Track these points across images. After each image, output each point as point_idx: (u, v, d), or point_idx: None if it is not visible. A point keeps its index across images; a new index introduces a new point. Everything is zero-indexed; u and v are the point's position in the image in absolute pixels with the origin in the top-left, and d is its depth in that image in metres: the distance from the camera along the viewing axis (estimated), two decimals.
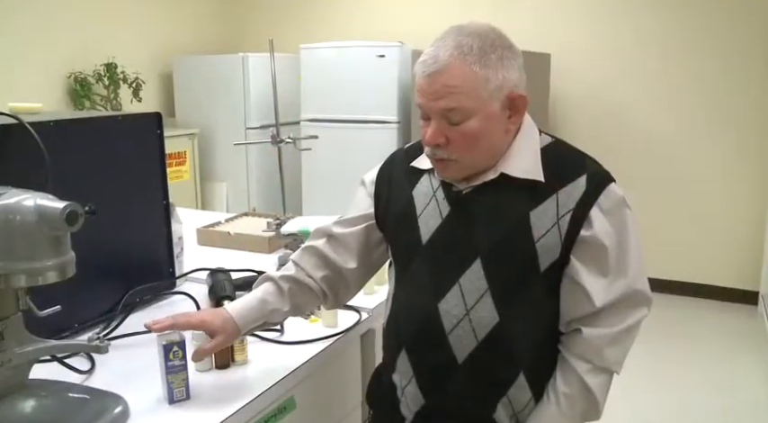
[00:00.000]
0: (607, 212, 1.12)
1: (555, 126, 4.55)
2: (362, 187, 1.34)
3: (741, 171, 4.12)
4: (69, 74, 4.30)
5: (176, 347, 1.13)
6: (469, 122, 1.09)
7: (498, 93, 1.09)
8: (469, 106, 1.08)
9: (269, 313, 1.24)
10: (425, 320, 1.17)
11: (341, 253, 1.30)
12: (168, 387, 1.14)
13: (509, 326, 1.13)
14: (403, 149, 1.34)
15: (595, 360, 1.14)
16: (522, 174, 1.13)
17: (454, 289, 1.14)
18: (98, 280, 1.45)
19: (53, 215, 0.96)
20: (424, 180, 1.23)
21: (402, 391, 1.23)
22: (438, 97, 1.08)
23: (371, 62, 4.21)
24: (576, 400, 1.15)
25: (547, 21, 4.49)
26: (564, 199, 1.11)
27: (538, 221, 1.11)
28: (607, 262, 1.12)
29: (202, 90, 4.90)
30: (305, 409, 1.34)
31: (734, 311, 4.07)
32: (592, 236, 1.10)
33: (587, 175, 1.13)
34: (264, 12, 5.50)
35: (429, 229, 1.19)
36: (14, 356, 1.05)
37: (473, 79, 1.07)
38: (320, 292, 1.31)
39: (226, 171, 4.99)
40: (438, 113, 1.10)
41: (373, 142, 4.17)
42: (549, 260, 1.11)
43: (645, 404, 2.96)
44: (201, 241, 2.18)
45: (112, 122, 1.52)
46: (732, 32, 4.01)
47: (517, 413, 1.17)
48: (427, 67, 1.08)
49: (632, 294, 1.15)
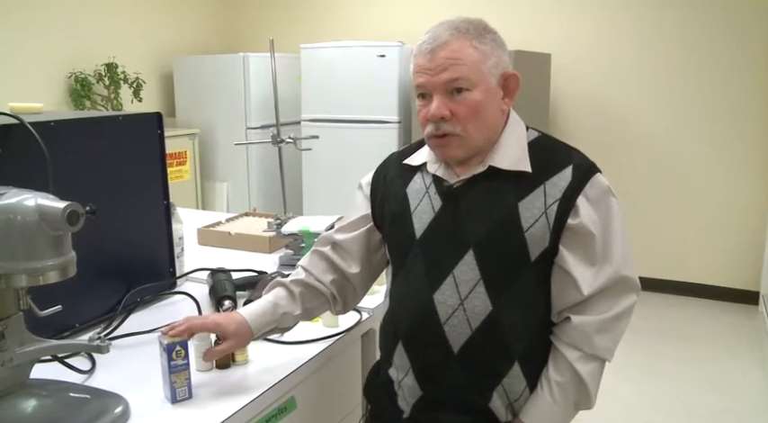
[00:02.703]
0: (593, 201, 1.15)
1: (555, 125, 4.55)
2: (359, 191, 1.38)
3: (742, 171, 4.12)
4: (70, 74, 4.31)
5: (179, 347, 1.14)
6: (473, 93, 1.13)
7: (495, 69, 1.15)
8: (472, 77, 1.13)
9: (281, 317, 1.26)
10: (422, 312, 1.19)
11: (345, 258, 1.33)
12: (171, 387, 1.14)
13: (502, 315, 1.15)
14: (397, 152, 1.37)
15: (585, 348, 1.16)
16: (509, 166, 1.17)
17: (448, 280, 1.17)
18: (99, 280, 1.45)
19: (54, 215, 0.96)
20: (417, 178, 1.27)
21: (399, 384, 1.25)
22: (441, 70, 1.12)
23: (372, 62, 4.21)
24: (568, 389, 1.16)
25: (547, 21, 4.49)
26: (551, 189, 1.14)
27: (526, 212, 1.14)
28: (594, 250, 1.15)
29: (203, 90, 4.90)
30: (305, 409, 1.34)
31: (734, 312, 4.07)
32: (579, 224, 1.13)
33: (573, 166, 1.16)
34: (265, 12, 5.50)
35: (423, 223, 1.22)
36: (15, 356, 1.05)
37: (473, 53, 1.13)
38: (330, 297, 1.33)
39: (226, 171, 4.99)
40: (441, 87, 1.13)
41: (374, 142, 4.17)
42: (538, 249, 1.14)
43: (645, 404, 2.96)
44: (202, 241, 2.18)
45: (113, 122, 1.52)
46: (732, 33, 4.01)
47: (512, 402, 1.19)
48: (428, 45, 1.14)
49: (619, 280, 1.17)
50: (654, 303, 4.16)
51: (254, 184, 4.88)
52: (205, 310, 1.55)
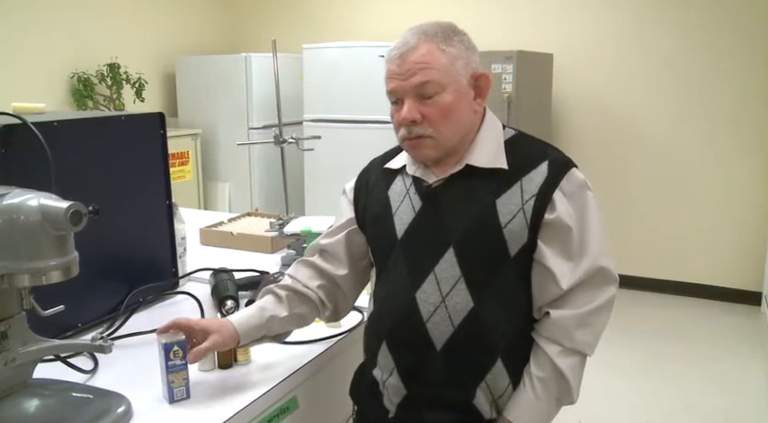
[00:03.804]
0: (569, 195, 1.17)
1: (557, 126, 4.55)
2: (344, 196, 1.40)
3: (743, 172, 4.12)
4: (72, 74, 4.31)
5: (177, 347, 1.14)
6: (443, 96, 1.16)
7: (464, 70, 1.17)
8: (442, 80, 1.15)
9: (267, 320, 1.25)
10: (404, 311, 1.20)
11: (332, 262, 1.35)
12: (168, 386, 1.14)
13: (484, 311, 1.16)
14: (379, 157, 1.40)
15: (565, 342, 1.17)
16: (486, 164, 1.19)
17: (430, 278, 1.18)
18: (101, 280, 1.45)
19: (57, 215, 0.96)
20: (398, 180, 1.29)
21: (383, 384, 1.25)
22: (411, 75, 1.15)
23: (374, 62, 4.20)
24: (550, 384, 1.17)
25: (549, 21, 4.48)
26: (527, 185, 1.16)
27: (504, 208, 1.16)
28: (571, 243, 1.16)
29: (205, 90, 4.90)
30: (307, 409, 1.34)
31: (736, 312, 4.06)
32: (556, 218, 1.15)
33: (549, 162, 1.18)
34: (267, 12, 5.50)
35: (403, 224, 1.23)
36: (18, 356, 1.05)
37: (441, 56, 1.15)
38: (318, 302, 1.33)
39: (228, 171, 5.00)
40: (411, 91, 1.16)
41: (376, 142, 4.14)
42: (517, 245, 1.16)
43: (647, 405, 2.96)
44: (204, 241, 2.19)
45: (115, 123, 1.52)
46: (734, 33, 4.00)
47: (496, 399, 1.20)
48: (397, 51, 1.17)
49: (596, 272, 1.17)
50: (654, 303, 4.15)
51: (257, 184, 4.89)
52: (207, 310, 1.55)
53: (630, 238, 4.35)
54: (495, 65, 3.83)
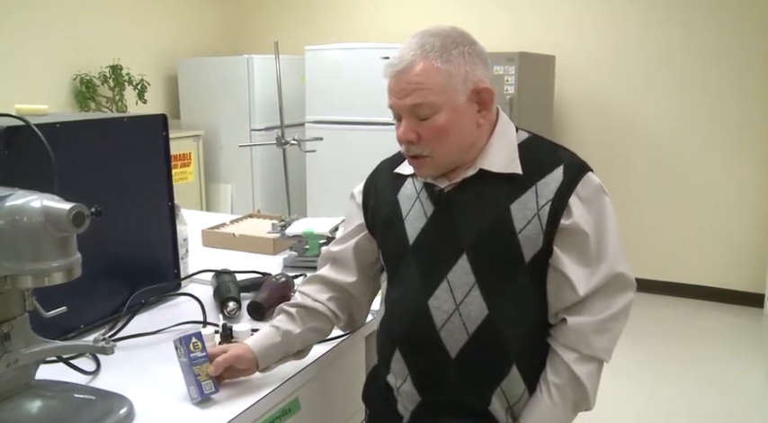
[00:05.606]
0: (585, 200, 1.15)
1: (559, 127, 4.55)
2: (352, 200, 1.38)
3: (745, 172, 4.11)
4: (75, 75, 4.32)
5: (195, 339, 1.13)
6: (437, 117, 1.13)
7: (463, 86, 1.13)
8: (436, 101, 1.12)
9: (282, 336, 1.24)
10: (417, 318, 1.18)
11: (341, 271, 1.33)
12: (196, 381, 1.13)
13: (498, 318, 1.14)
14: (387, 159, 1.38)
15: (583, 349, 1.15)
16: (500, 168, 1.17)
17: (443, 285, 1.16)
18: (104, 281, 1.45)
19: (59, 216, 0.96)
20: (408, 184, 1.27)
21: (397, 390, 1.25)
22: (405, 95, 1.13)
23: (376, 64, 4.18)
24: (566, 390, 1.16)
25: (552, 23, 4.48)
26: (542, 190, 1.14)
27: (518, 214, 1.14)
28: (588, 250, 1.14)
29: (207, 92, 4.91)
30: (310, 410, 1.34)
31: (738, 313, 4.05)
32: (572, 224, 1.13)
33: (564, 166, 1.16)
34: (269, 13, 5.51)
35: (415, 229, 1.22)
36: (21, 357, 1.06)
37: (436, 74, 1.11)
38: (330, 314, 1.32)
39: (230, 172, 5.00)
40: (407, 110, 1.14)
41: (378, 144, 4.16)
42: (532, 251, 1.14)
43: (649, 406, 2.95)
44: (206, 243, 2.19)
45: (118, 124, 1.53)
46: (736, 35, 4.00)
47: (512, 405, 1.19)
48: (393, 67, 1.14)
49: (614, 278, 1.16)
50: (657, 305, 4.15)
51: (258, 185, 4.89)
52: (209, 311, 1.55)
53: (632, 239, 4.34)
54: (498, 66, 3.84)
